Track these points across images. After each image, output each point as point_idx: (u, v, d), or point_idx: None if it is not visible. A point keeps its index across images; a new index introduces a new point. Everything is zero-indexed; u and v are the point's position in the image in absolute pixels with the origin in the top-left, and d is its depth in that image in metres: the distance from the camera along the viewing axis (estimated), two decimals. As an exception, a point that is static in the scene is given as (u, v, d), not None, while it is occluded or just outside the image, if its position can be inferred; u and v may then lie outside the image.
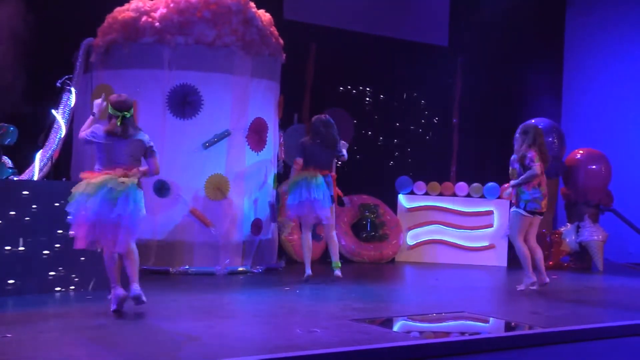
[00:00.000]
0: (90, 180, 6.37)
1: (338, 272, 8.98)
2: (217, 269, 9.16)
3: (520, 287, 8.59)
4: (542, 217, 8.74)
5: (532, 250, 8.63)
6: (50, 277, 7.36)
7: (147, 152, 6.64)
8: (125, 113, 6.51)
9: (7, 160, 7.93)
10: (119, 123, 6.48)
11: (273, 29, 9.82)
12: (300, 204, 8.90)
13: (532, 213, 8.55)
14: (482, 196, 11.67)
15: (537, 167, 8.41)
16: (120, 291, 6.44)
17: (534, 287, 8.55)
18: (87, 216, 6.26)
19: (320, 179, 8.93)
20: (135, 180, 6.45)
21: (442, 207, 11.83)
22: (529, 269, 8.55)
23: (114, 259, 6.52)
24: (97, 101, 6.78)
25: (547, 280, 8.67)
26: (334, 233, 9.15)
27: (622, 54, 13.85)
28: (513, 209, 8.66)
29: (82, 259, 7.48)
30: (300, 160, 9.03)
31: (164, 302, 7.08)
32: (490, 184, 11.62)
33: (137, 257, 6.51)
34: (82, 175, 6.52)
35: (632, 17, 13.74)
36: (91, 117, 6.72)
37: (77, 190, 6.37)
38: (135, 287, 6.37)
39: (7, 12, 8.06)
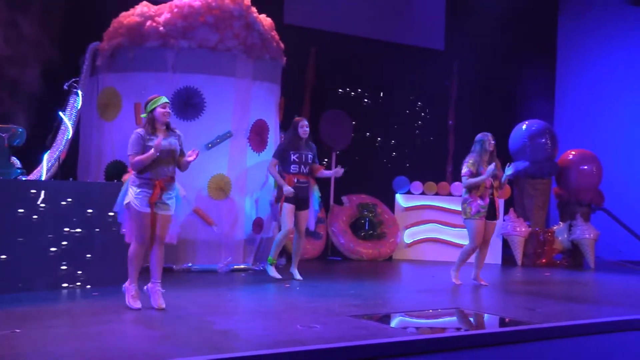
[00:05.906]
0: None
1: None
2: (219, 266, 9.31)
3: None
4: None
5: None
6: (58, 274, 7.47)
7: None
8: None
9: (15, 160, 8.00)
10: None
11: (274, 33, 9.93)
12: None
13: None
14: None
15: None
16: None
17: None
18: None
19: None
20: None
21: (439, 206, 12.02)
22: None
23: None
24: None
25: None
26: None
27: (613, 57, 14.02)
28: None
29: (88, 256, 7.61)
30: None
31: (168, 298, 7.09)
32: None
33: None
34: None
35: (622, 22, 13.90)
36: None
37: None
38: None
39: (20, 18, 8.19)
